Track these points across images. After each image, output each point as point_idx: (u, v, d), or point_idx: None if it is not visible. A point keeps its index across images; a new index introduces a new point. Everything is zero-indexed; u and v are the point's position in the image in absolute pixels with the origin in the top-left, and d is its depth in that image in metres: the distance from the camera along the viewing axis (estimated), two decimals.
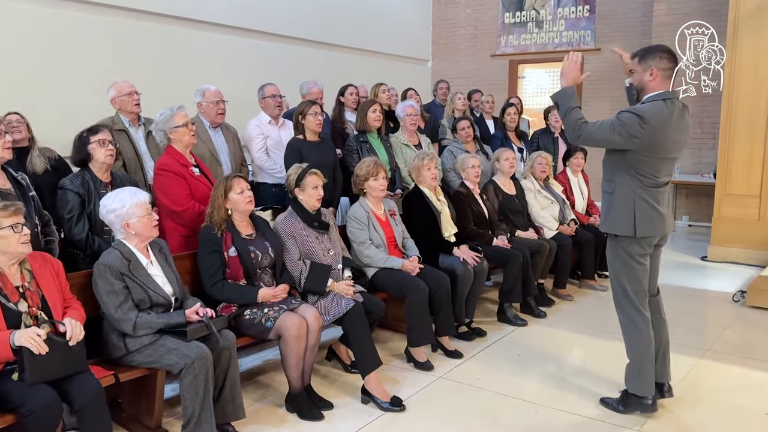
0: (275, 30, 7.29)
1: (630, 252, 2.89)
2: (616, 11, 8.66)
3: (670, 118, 2.76)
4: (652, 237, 2.90)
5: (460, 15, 9.95)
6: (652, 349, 2.99)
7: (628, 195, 2.84)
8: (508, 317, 4.45)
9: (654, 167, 2.81)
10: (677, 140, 2.83)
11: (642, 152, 2.77)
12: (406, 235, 4.06)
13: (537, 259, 4.76)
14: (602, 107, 9.00)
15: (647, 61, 2.82)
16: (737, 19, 5.84)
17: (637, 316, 2.97)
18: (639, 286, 2.94)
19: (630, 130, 2.72)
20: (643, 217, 2.83)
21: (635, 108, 2.78)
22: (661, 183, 2.87)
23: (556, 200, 5.26)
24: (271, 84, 4.77)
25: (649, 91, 2.83)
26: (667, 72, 2.80)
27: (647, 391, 3.01)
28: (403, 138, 5.04)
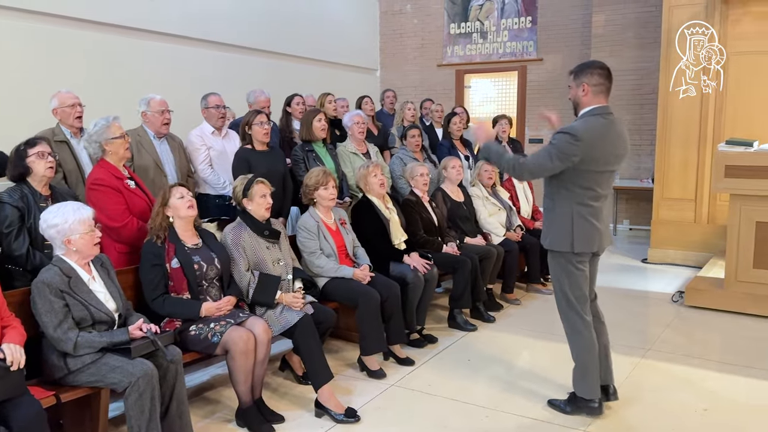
0: (221, 39, 7.19)
1: (570, 260, 2.98)
2: (557, 22, 8.93)
3: (605, 131, 2.83)
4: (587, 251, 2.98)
5: (406, 25, 10.06)
6: (596, 352, 3.06)
7: (567, 212, 2.91)
8: (458, 323, 4.51)
9: (593, 180, 2.87)
10: (614, 153, 2.88)
11: (581, 166, 2.82)
12: (357, 243, 4.07)
13: (485, 264, 4.83)
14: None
15: (580, 77, 2.89)
16: (670, 30, 6.11)
17: (580, 321, 3.04)
18: (579, 292, 3.02)
19: (565, 150, 2.78)
20: (580, 233, 2.90)
21: (566, 127, 2.84)
22: (601, 196, 2.93)
23: (503, 207, 5.37)
24: (215, 94, 4.70)
25: (583, 106, 2.90)
26: (599, 87, 2.85)
27: (593, 394, 3.09)
28: (351, 147, 5.05)
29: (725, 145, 4.81)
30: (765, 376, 3.60)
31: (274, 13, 7.95)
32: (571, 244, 2.91)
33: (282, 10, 8.09)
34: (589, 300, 3.13)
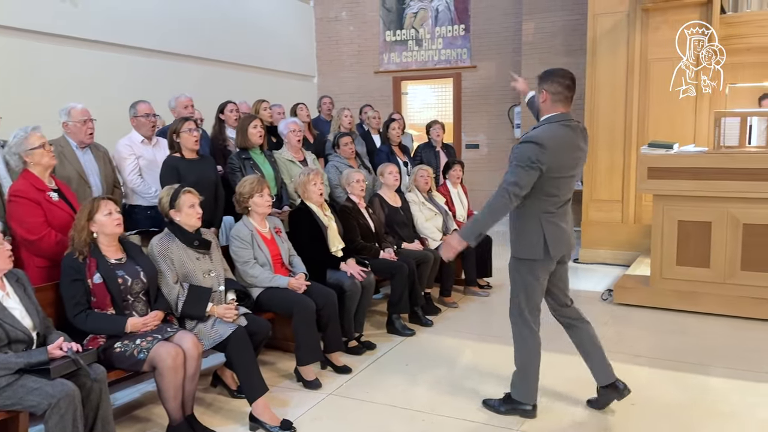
0: (148, 45, 6.97)
1: (534, 273, 2.99)
2: (489, 30, 9.13)
3: (564, 138, 2.85)
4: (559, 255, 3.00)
5: (342, 32, 10.06)
6: (538, 361, 3.12)
7: (535, 219, 2.91)
8: (396, 328, 4.51)
9: (556, 186, 2.88)
10: (574, 157, 2.92)
11: (545, 174, 2.82)
12: (293, 252, 4.01)
13: (423, 269, 4.86)
14: (479, 121, 9.45)
15: (541, 84, 2.93)
16: (595, 38, 6.35)
17: (527, 330, 3.10)
18: (533, 303, 3.07)
19: (535, 158, 2.78)
20: (552, 238, 2.91)
21: (530, 135, 2.86)
22: (564, 200, 2.96)
23: (439, 211, 5.42)
24: (144, 102, 4.55)
25: (543, 113, 2.95)
26: (558, 96, 2.87)
27: (529, 399, 3.15)
28: (287, 154, 4.99)
29: (647, 147, 5.02)
30: (691, 370, 3.75)
31: (204, 19, 7.79)
32: (544, 250, 2.92)
33: (213, 16, 7.94)
34: (565, 306, 3.20)
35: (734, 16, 5.59)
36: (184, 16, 7.46)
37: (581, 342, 3.23)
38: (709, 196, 4.62)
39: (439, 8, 9.50)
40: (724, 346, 4.13)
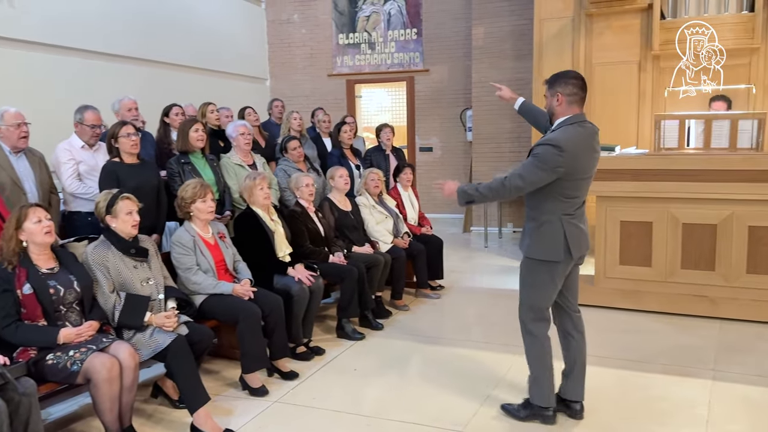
0: (91, 47, 6.78)
1: (552, 274, 2.95)
2: (441, 35, 9.21)
3: (583, 139, 2.84)
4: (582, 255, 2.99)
5: (295, 35, 10.00)
6: (549, 362, 3.06)
7: (557, 221, 2.88)
8: (346, 332, 4.49)
9: (575, 188, 2.88)
10: (592, 158, 2.92)
11: (566, 175, 2.81)
12: (238, 258, 3.95)
13: (373, 272, 4.85)
14: (433, 125, 9.51)
15: (554, 87, 2.89)
16: (541, 43, 6.47)
17: (540, 331, 3.04)
18: (545, 303, 3.02)
19: (551, 162, 2.76)
20: (573, 239, 2.90)
21: (548, 139, 2.82)
22: (582, 202, 2.97)
23: (389, 215, 5.43)
24: (94, 111, 4.34)
25: (558, 116, 2.91)
26: (574, 97, 2.85)
27: (548, 401, 3.08)
28: (236, 158, 4.91)
29: None
30: (633, 368, 3.84)
31: (151, 20, 7.63)
32: (563, 251, 2.89)
33: (159, 17, 7.78)
34: (572, 311, 3.14)
35: (673, 21, 5.76)
36: (128, 17, 7.29)
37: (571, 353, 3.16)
38: (649, 196, 4.75)
39: (391, 12, 9.53)
40: (665, 344, 4.24)
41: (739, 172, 4.50)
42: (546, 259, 2.93)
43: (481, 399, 3.44)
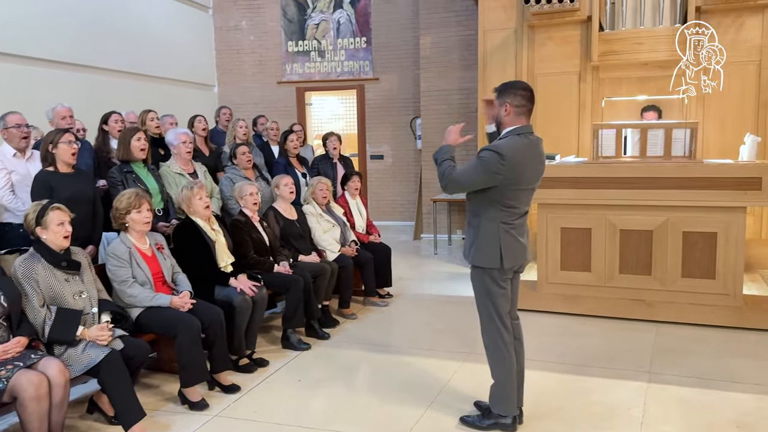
0: (30, 53, 6.55)
1: (494, 278, 2.99)
2: (390, 44, 9.28)
3: (528, 150, 2.89)
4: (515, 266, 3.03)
5: (243, 42, 9.90)
6: (514, 370, 3.09)
7: (494, 229, 2.93)
8: (291, 343, 4.44)
9: (516, 198, 2.92)
10: (536, 170, 2.97)
11: (506, 184, 2.86)
12: (177, 269, 3.86)
13: (320, 281, 4.83)
14: (383, 133, 9.56)
15: (503, 97, 2.93)
16: (486, 53, 6.59)
17: (500, 338, 3.05)
18: (501, 310, 3.04)
19: (491, 168, 2.81)
20: (507, 249, 2.93)
21: (494, 145, 2.87)
22: (522, 212, 3.00)
23: (337, 223, 5.41)
24: (15, 113, 4.25)
25: (505, 125, 2.95)
26: (521, 109, 2.90)
27: (510, 411, 3.10)
28: (176, 167, 4.82)
29: None
30: (573, 371, 3.92)
31: (93, 25, 7.43)
32: (499, 259, 2.93)
33: (102, 23, 7.58)
34: (512, 319, 3.15)
35: (611, 33, 5.96)
36: (70, 23, 7.08)
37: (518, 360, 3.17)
38: (588, 204, 4.88)
39: (340, 20, 9.54)
40: (604, 347, 4.35)
41: (673, 180, 4.68)
42: (485, 266, 2.98)
43: (425, 406, 3.46)
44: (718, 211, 4.60)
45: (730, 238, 4.60)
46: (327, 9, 9.57)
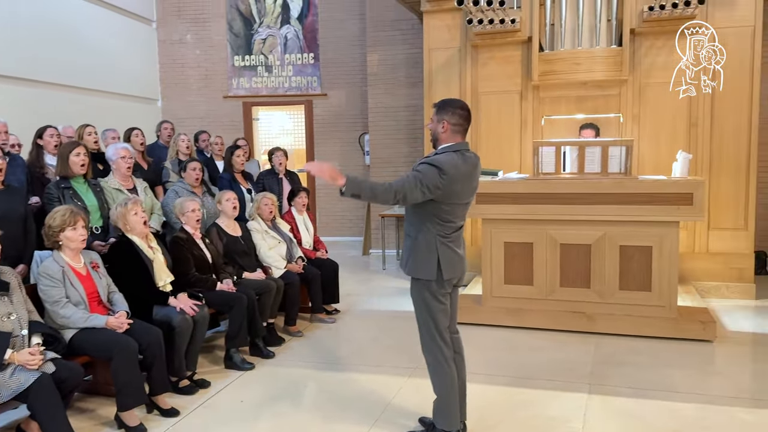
0: None
1: (433, 292, 3.01)
2: (338, 60, 9.32)
3: (463, 166, 2.94)
4: (453, 278, 3.06)
5: (188, 56, 9.76)
6: (456, 384, 3.09)
7: (431, 241, 2.97)
8: (235, 362, 4.35)
9: (452, 213, 2.98)
10: (471, 186, 3.04)
11: (442, 200, 2.91)
12: (113, 288, 3.73)
13: (265, 299, 4.76)
14: (332, 149, 9.56)
15: (441, 113, 2.98)
16: (431, 71, 6.69)
17: (440, 353, 3.05)
18: (442, 324, 3.05)
19: (432, 182, 2.84)
20: (445, 261, 2.97)
21: (433, 159, 2.90)
22: (458, 226, 3.06)
23: (283, 239, 5.36)
24: None
25: (442, 141, 2.99)
26: (458, 127, 2.96)
27: (454, 425, 3.09)
28: (114, 182, 4.69)
29: None
30: (517, 384, 3.98)
31: (33, 37, 7.19)
32: (437, 271, 2.96)
33: (42, 35, 7.35)
34: (451, 333, 3.16)
35: (551, 53, 6.14)
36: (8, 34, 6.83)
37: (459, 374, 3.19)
38: (530, 219, 5.00)
39: (288, 36, 9.53)
40: (546, 359, 4.43)
41: (610, 195, 4.84)
42: (424, 278, 3.01)
43: (370, 423, 3.44)
44: (652, 226, 4.78)
45: (665, 252, 4.78)
46: (274, 24, 9.55)
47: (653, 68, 6.05)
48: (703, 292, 5.92)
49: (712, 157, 5.97)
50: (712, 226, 6.02)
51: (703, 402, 3.65)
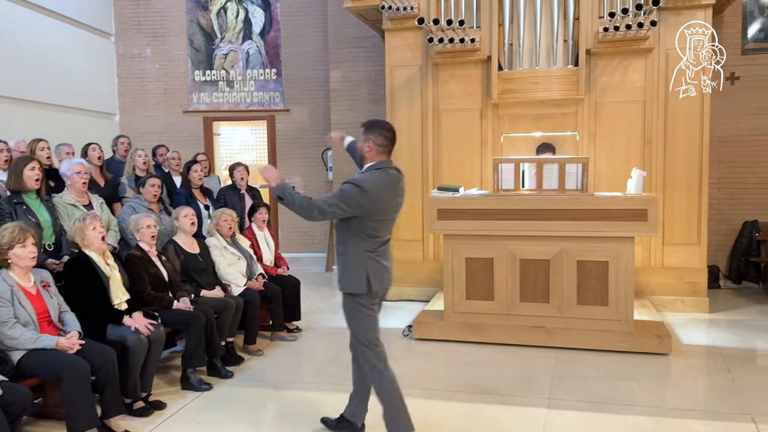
0: None
1: (364, 305, 3.14)
2: (300, 76, 9.32)
3: (385, 184, 3.08)
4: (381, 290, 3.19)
5: (147, 70, 9.62)
6: (399, 390, 3.18)
7: (360, 256, 3.10)
8: (192, 383, 4.25)
9: (377, 228, 3.11)
10: (395, 203, 3.19)
11: (367, 217, 3.05)
12: (65, 308, 3.62)
13: (224, 317, 4.67)
14: (295, 164, 9.51)
15: (368, 134, 3.13)
16: (393, 89, 6.74)
17: (380, 365, 3.16)
18: (373, 334, 3.19)
19: (353, 200, 2.99)
20: (374, 274, 3.12)
21: (355, 179, 3.05)
22: (385, 241, 3.19)
23: (243, 256, 5.28)
24: None
25: (367, 160, 3.16)
26: (383, 148, 3.12)
27: (408, 430, 3.15)
28: (69, 198, 4.57)
29: (437, 191, 5.38)
30: (479, 400, 3.99)
31: None
32: (367, 284, 3.10)
33: None
34: None
35: (509, 73, 6.26)
36: None
37: (360, 379, 3.38)
38: (490, 234, 5.05)
39: (250, 51, 9.49)
40: (507, 374, 4.46)
41: (567, 212, 4.93)
42: (353, 292, 3.14)
43: None
44: (608, 241, 4.88)
45: (621, 267, 4.88)
46: (236, 40, 9.50)
47: (608, 88, 6.22)
48: (658, 306, 6.06)
49: (666, 175, 6.15)
50: (666, 242, 6.18)
51: (659, 415, 3.72)
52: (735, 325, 5.68)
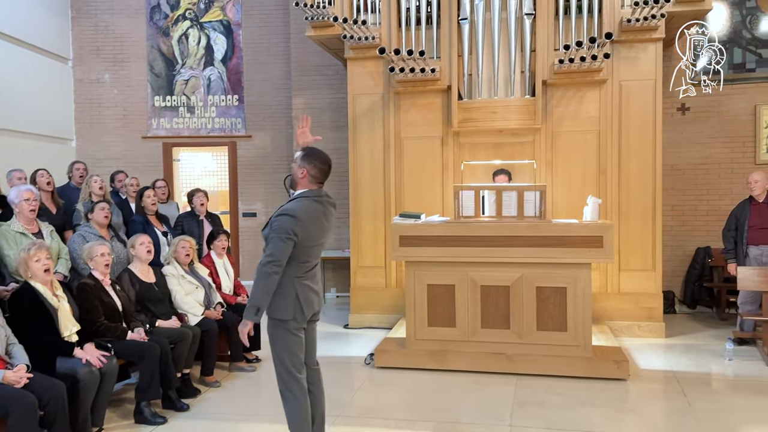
0: None
1: (289, 329, 3.16)
2: (262, 102, 9.29)
3: (313, 211, 3.15)
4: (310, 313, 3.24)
5: (106, 95, 9.47)
6: (309, 418, 3.22)
7: (290, 283, 3.14)
8: (145, 416, 4.10)
9: (307, 254, 3.18)
10: (322, 228, 3.24)
11: (299, 244, 3.10)
12: (12, 340, 3.48)
13: (180, 348, 4.55)
14: (257, 190, 9.43)
15: (304, 162, 3.18)
16: (355, 116, 6.79)
17: (295, 385, 3.18)
18: (296, 357, 3.20)
19: (290, 229, 3.05)
20: (304, 299, 3.17)
21: (284, 210, 3.11)
22: (313, 265, 3.26)
23: (201, 284, 5.18)
24: None
25: (299, 187, 3.22)
26: (315, 179, 3.18)
27: None
28: (18, 225, 4.43)
29: (399, 218, 5.40)
30: (441, 429, 3.96)
31: None
32: (298, 310, 3.14)
33: None
34: (310, 367, 3.34)
35: (469, 102, 6.37)
36: None
37: (313, 407, 3.33)
38: (451, 261, 5.08)
39: (211, 77, 9.44)
40: (468, 401, 4.45)
41: (526, 238, 5.00)
42: (279, 318, 3.16)
43: None
44: (566, 267, 4.96)
45: (578, 292, 4.96)
46: (197, 66, 9.45)
47: (564, 117, 6.38)
48: (616, 331, 6.16)
49: (621, 202, 6.30)
50: (622, 268, 6.31)
51: None
52: (690, 349, 5.80)
